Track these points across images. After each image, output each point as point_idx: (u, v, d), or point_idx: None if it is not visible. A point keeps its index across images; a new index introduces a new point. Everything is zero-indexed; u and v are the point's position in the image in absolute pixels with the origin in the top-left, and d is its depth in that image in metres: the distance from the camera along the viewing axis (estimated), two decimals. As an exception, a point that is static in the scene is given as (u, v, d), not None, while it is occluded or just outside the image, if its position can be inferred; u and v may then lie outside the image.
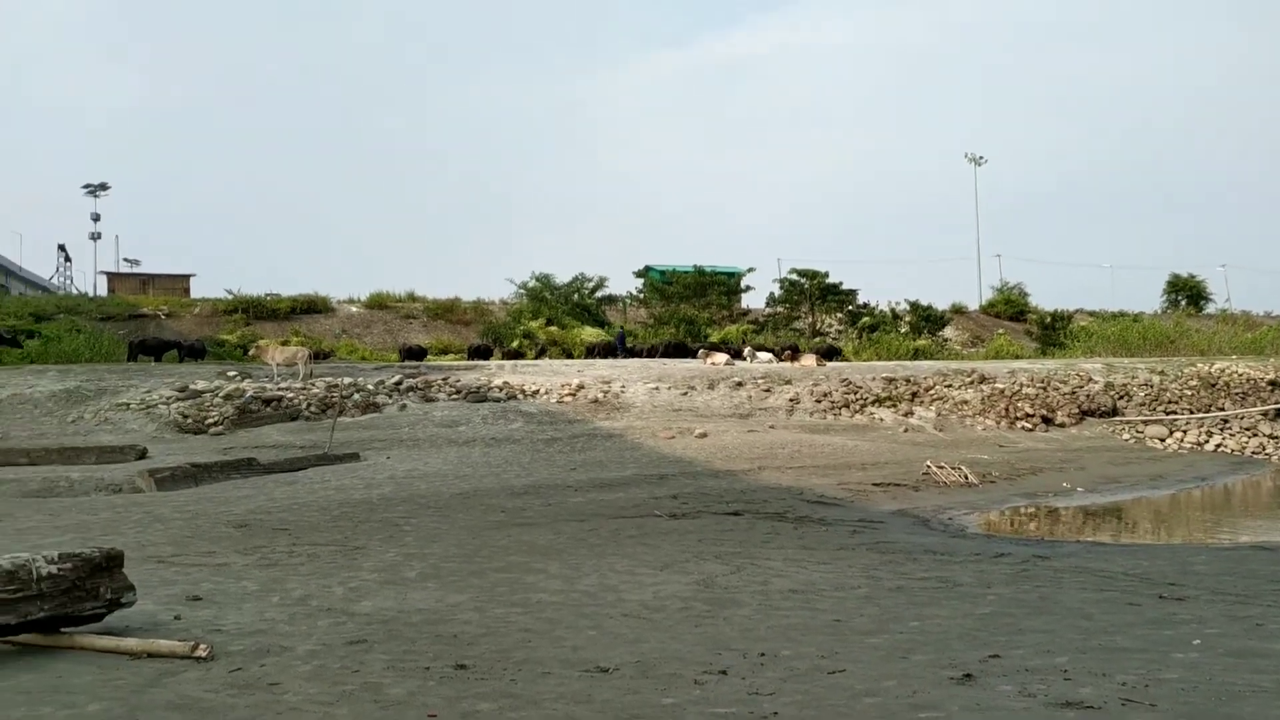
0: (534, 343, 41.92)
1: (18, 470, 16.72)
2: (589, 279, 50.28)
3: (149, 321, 42.21)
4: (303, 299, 46.71)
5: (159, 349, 33.72)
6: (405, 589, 8.01)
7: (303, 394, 24.78)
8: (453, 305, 48.99)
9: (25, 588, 5.84)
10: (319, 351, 33.69)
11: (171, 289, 54.45)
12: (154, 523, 11.69)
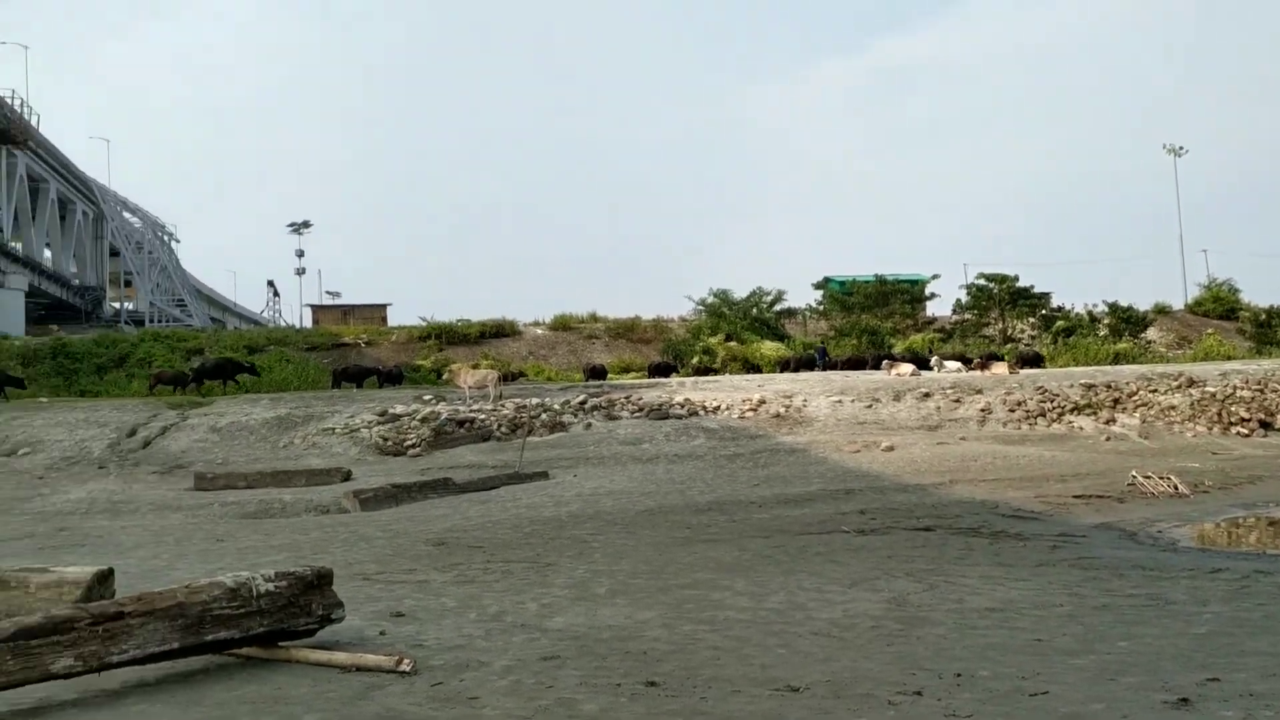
0: (713, 358, 42.02)
1: (238, 493, 17.92)
2: (767, 293, 50.08)
3: (350, 350, 44.50)
4: (491, 323, 48.32)
5: (360, 376, 35.49)
6: (595, 605, 8.14)
7: (493, 415, 25.61)
8: (633, 324, 49.66)
9: (246, 604, 6.25)
10: (508, 373, 34.75)
11: (370, 318, 57.30)
12: (359, 541, 12.29)
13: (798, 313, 52.31)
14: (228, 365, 34.79)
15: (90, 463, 22.22)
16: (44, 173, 70.38)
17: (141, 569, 10.42)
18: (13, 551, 12.45)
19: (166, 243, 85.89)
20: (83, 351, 42.16)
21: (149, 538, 13.43)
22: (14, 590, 7.72)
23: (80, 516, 16.31)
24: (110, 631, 5.68)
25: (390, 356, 42.79)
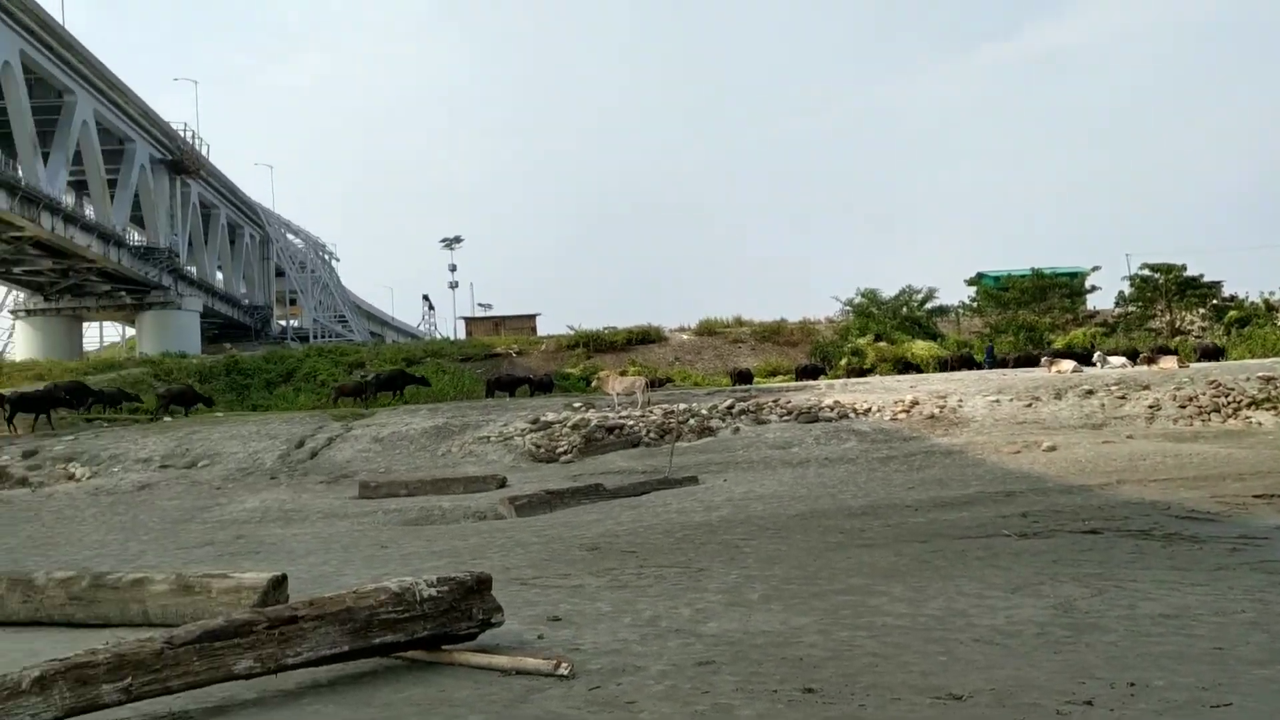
0: (863, 359, 41.33)
1: (399, 500, 18.55)
2: (917, 291, 49.05)
3: (502, 360, 45.59)
4: (637, 330, 48.75)
5: (512, 385, 36.33)
6: (749, 611, 8.10)
7: (642, 421, 25.80)
8: (779, 327, 49.34)
9: (411, 609, 6.46)
10: (655, 379, 34.99)
11: (520, 328, 58.59)
12: (515, 547, 12.56)
13: (950, 310, 51.08)
14: (400, 377, 36.45)
15: (263, 473, 23.36)
16: (215, 200, 74.50)
17: (312, 574, 10.90)
18: (195, 558, 13.20)
19: (327, 262, 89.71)
20: (253, 368, 44.46)
21: (318, 544, 14.03)
22: (198, 595, 8.19)
23: (255, 524, 17.17)
24: (285, 635, 5.96)
25: (540, 365, 43.63)
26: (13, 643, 8.23)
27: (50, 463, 25.24)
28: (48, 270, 58.60)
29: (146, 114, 61.89)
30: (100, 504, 20.55)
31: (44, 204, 49.25)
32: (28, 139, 49.35)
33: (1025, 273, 50.52)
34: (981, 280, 53.18)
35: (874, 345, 42.64)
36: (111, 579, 8.75)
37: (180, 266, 65.09)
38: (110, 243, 56.65)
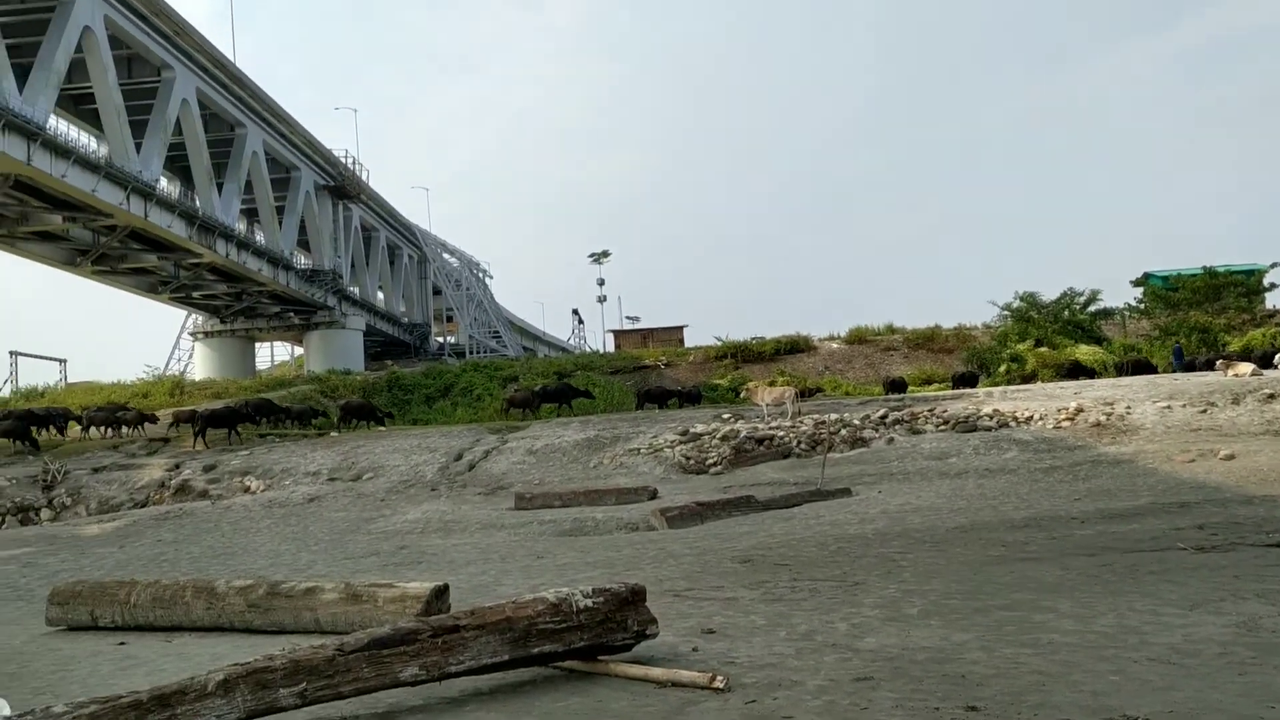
0: (1022, 365, 39.96)
1: (553, 512, 18.88)
2: (1079, 293, 47.10)
3: (650, 371, 45.92)
4: (785, 339, 48.38)
5: (662, 397, 36.55)
6: (907, 626, 7.92)
7: (792, 432, 25.57)
8: (932, 334, 48.19)
9: (567, 619, 6.56)
10: (804, 389, 34.64)
11: (667, 340, 58.93)
12: (668, 558, 12.61)
13: (1114, 313, 48.86)
14: (567, 390, 37.28)
15: (424, 485, 24.12)
16: (375, 222, 77.49)
17: (471, 584, 11.19)
18: (362, 567, 13.73)
19: (481, 279, 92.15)
20: (413, 383, 46.04)
21: (477, 554, 14.40)
22: (365, 603, 8.51)
23: (417, 535, 17.74)
24: (448, 643, 6.13)
25: (688, 376, 43.75)
26: (198, 646, 8.73)
27: (228, 476, 26.68)
28: (223, 294, 62.05)
29: (311, 143, 64.92)
30: (274, 515, 21.58)
31: (219, 231, 52.21)
32: (204, 171, 52.44)
33: (1196, 271, 48.00)
34: (1149, 280, 50.80)
35: (1034, 351, 41.14)
36: (285, 587, 9.17)
37: (344, 287, 67.91)
38: (279, 266, 59.60)
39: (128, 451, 31.19)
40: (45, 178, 39.74)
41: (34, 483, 27.31)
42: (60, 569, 15.60)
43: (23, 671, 8.22)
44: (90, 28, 42.26)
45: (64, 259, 51.44)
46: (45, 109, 39.92)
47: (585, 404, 36.96)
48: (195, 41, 50.19)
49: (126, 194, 44.29)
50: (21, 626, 10.64)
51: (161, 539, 19.16)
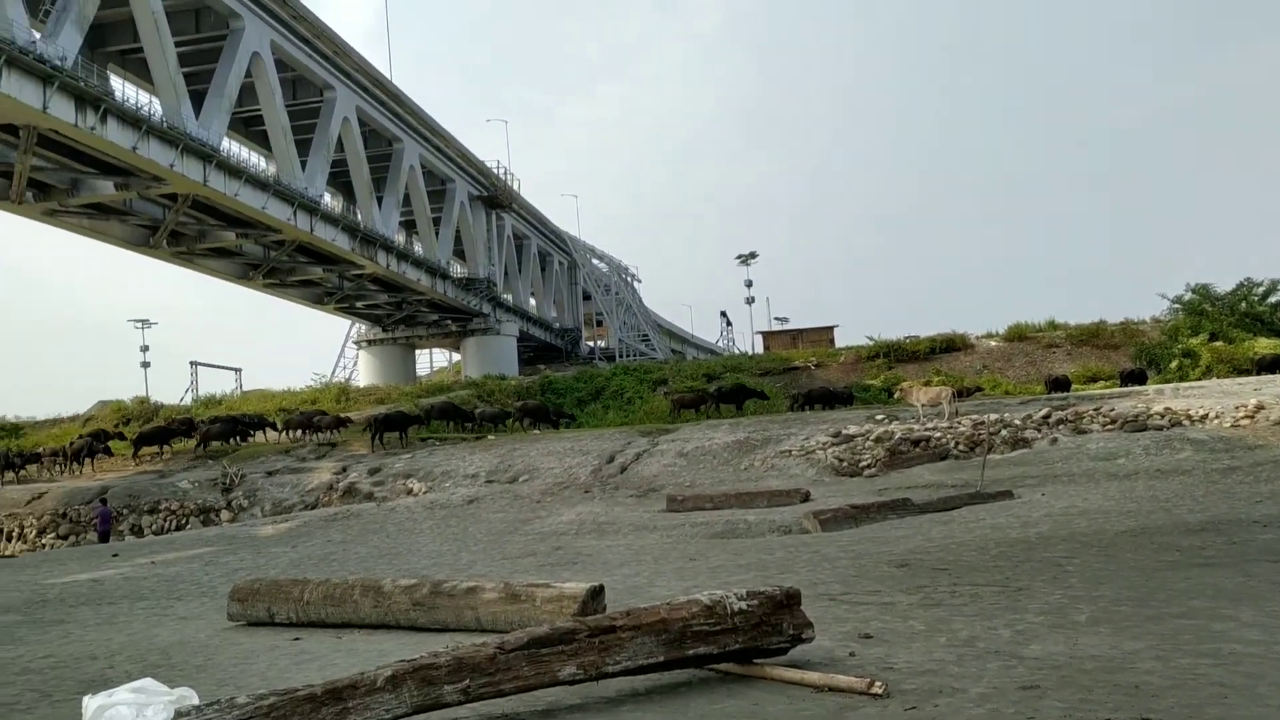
0: (1195, 361, 37.93)
1: (705, 514, 18.90)
2: (1257, 284, 44.39)
3: (800, 373, 45.45)
4: (940, 338, 47.19)
5: (813, 399, 36.14)
6: (1075, 633, 7.62)
7: (949, 433, 24.93)
8: (1097, 330, 46.20)
9: (722, 621, 6.56)
10: (961, 389, 33.71)
11: (817, 341, 58.25)
12: (822, 562, 12.46)
13: (1297, 304, 45.83)
14: (741, 390, 37.30)
15: (577, 487, 24.50)
16: (526, 231, 79.20)
17: (626, 585, 11.30)
18: (519, 568, 14.03)
19: (630, 284, 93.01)
20: (565, 387, 46.81)
21: (630, 556, 14.53)
22: (524, 603, 8.69)
23: (571, 536, 18.03)
24: (605, 644, 6.21)
25: (839, 377, 43.13)
26: (366, 643, 9.08)
27: (392, 479, 27.69)
28: (384, 303, 64.49)
29: (464, 155, 66.83)
30: (435, 516, 22.28)
31: (380, 243, 54.27)
32: (365, 185, 54.61)
33: (1391, 258, 44.73)
34: (1335, 268, 47.60)
35: (1209, 345, 38.99)
36: (447, 587, 9.45)
37: (498, 294, 69.65)
38: (436, 275, 61.55)
39: (298, 455, 32.71)
40: (220, 197, 42.08)
41: (214, 486, 28.95)
42: (239, 567, 16.47)
43: (208, 664, 8.71)
44: (259, 53, 44.60)
45: (238, 274, 54.38)
46: (219, 132, 42.27)
47: (732, 409, 36.88)
48: (354, 61, 52.34)
49: (294, 210, 46.50)
50: (206, 621, 11.28)
51: (331, 539, 20.01)
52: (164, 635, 10.50)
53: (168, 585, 14.94)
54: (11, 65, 31.07)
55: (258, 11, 44.25)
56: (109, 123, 35.40)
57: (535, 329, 78.34)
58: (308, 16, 47.95)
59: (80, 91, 34.03)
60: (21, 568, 19.26)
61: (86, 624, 11.70)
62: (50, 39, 33.28)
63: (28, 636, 11.04)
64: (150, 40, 38.89)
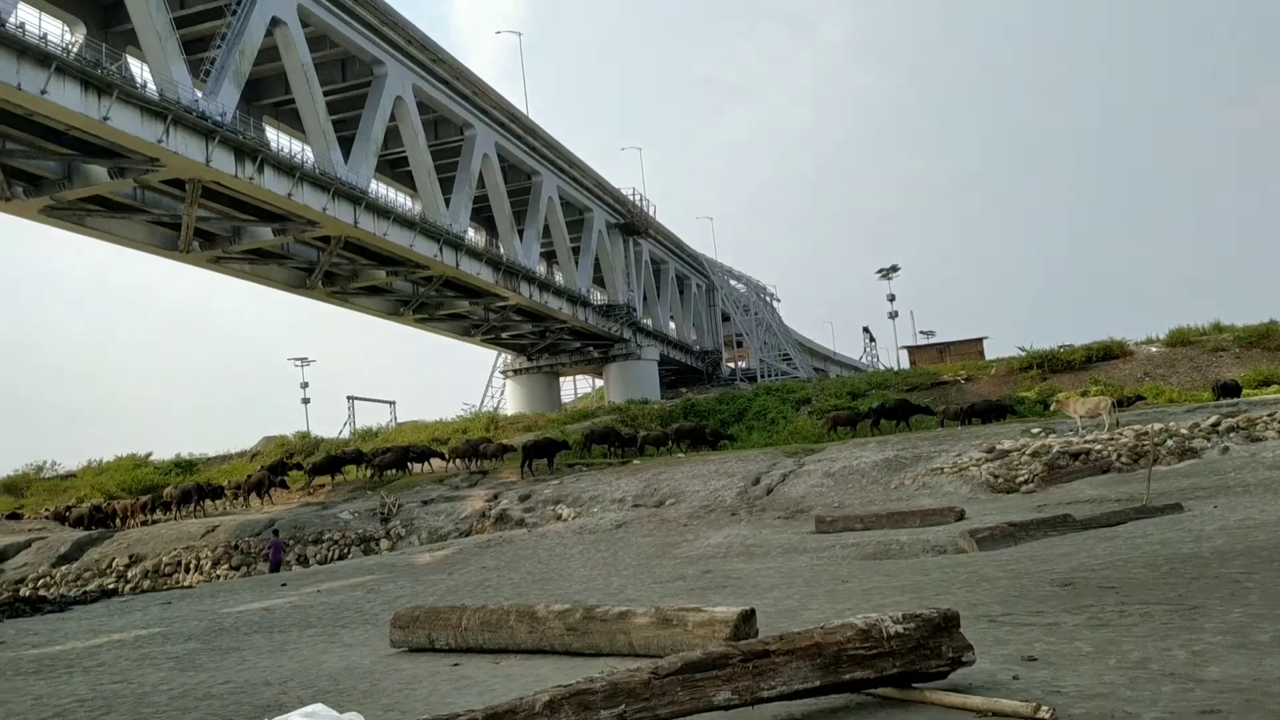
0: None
1: (856, 535, 18.58)
2: None
3: (949, 387, 44.36)
4: (1097, 346, 45.43)
5: (978, 412, 35.16)
6: (1258, 654, 7.18)
7: (1110, 445, 23.92)
8: (1268, 330, 43.69)
9: (878, 645, 6.43)
10: (1121, 398, 32.33)
11: (965, 354, 56.80)
12: (980, 582, 12.09)
13: None
14: (905, 406, 36.80)
15: (723, 510, 24.43)
16: (663, 255, 79.78)
17: (777, 608, 11.19)
18: (669, 592, 14.06)
19: (769, 303, 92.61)
20: (708, 409, 46.84)
21: (780, 579, 14.40)
22: (675, 627, 8.71)
23: (720, 559, 17.97)
24: (759, 668, 6.16)
25: (990, 390, 41.91)
26: (522, 668, 9.24)
27: (541, 505, 28.16)
28: (528, 333, 65.85)
29: (600, 184, 67.84)
30: (584, 541, 22.55)
31: (522, 274, 55.49)
32: (506, 219, 55.99)
33: None
34: None
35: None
36: (600, 612, 9.55)
37: (638, 320, 70.28)
38: (577, 304, 62.54)
39: (451, 484, 33.61)
40: (370, 237, 43.79)
41: (373, 516, 29.98)
42: (399, 595, 17.00)
43: (373, 689, 9.00)
44: (401, 97, 46.34)
45: (389, 310, 56.41)
46: (367, 175, 44.03)
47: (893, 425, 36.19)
48: (492, 99, 53.85)
49: (439, 246, 48.00)
50: (370, 648, 11.67)
51: (485, 566, 20.47)
52: (331, 661, 10.90)
53: (333, 613, 15.53)
54: (177, 124, 33.11)
55: (399, 57, 46.02)
56: (266, 172, 37.30)
57: (676, 352, 78.68)
58: (447, 59, 49.59)
59: (239, 144, 35.99)
60: (200, 598, 20.30)
61: (260, 651, 12.25)
62: (211, 96, 35.29)
63: (207, 663, 11.62)
64: (301, 92, 40.87)
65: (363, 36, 43.79)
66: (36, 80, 28.80)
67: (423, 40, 47.40)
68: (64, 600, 23.58)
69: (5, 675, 12.08)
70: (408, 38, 46.25)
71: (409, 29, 46.18)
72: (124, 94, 31.49)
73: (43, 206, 36.29)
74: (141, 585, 27.86)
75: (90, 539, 31.89)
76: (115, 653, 13.16)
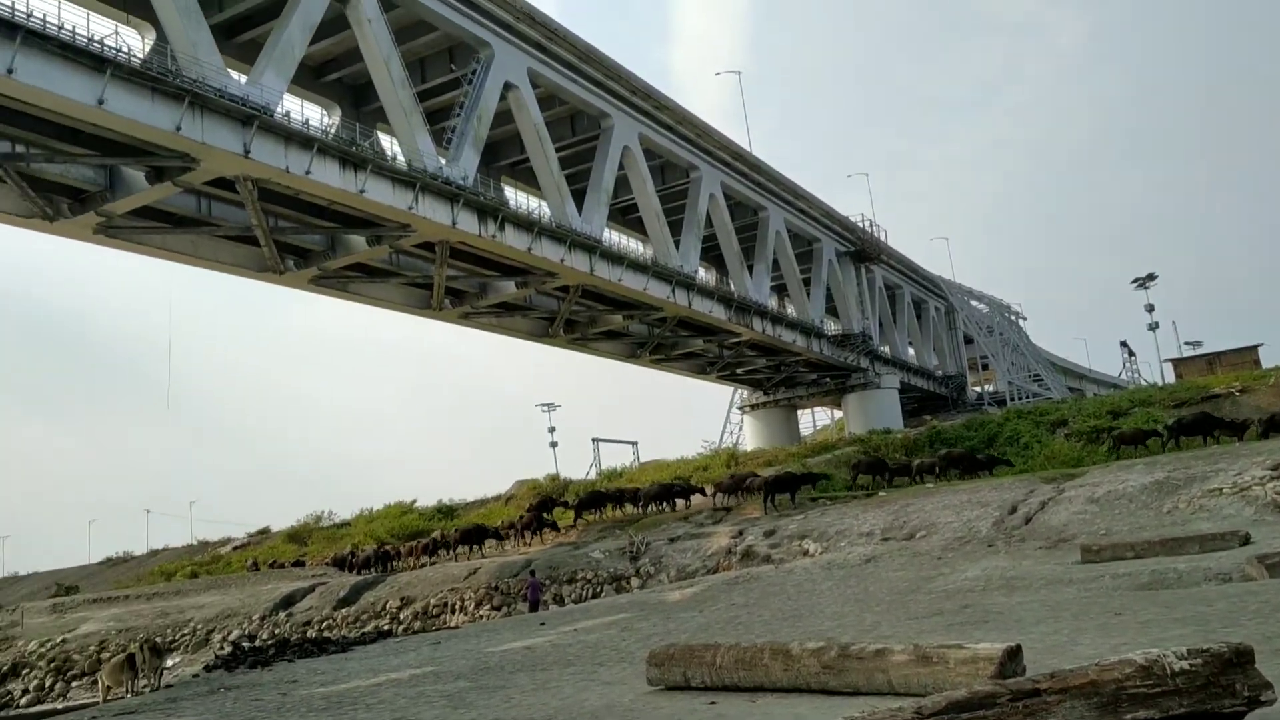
0: None
1: (1126, 564, 17.40)
2: None
3: (1222, 400, 41.01)
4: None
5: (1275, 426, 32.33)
6: None
7: None
8: None
9: (1161, 683, 5.99)
10: None
11: (1238, 364, 52.60)
12: (1274, 613, 11.05)
13: None
14: (1206, 420, 34.49)
15: (979, 541, 23.46)
16: (897, 280, 78.14)
17: (1044, 644, 10.61)
18: (925, 628, 13.60)
19: (1014, 322, 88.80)
20: (954, 436, 45.24)
21: (1045, 612, 13.65)
22: (936, 665, 8.41)
23: (978, 593, 17.23)
24: (1029, 708, 5.86)
25: (1270, 402, 38.44)
26: (779, 706, 9.16)
27: (787, 540, 27.95)
28: (763, 367, 65.88)
29: (828, 214, 67.31)
30: (833, 577, 22.17)
31: (754, 310, 55.67)
32: (735, 256, 56.43)
33: None
34: None
35: None
36: (855, 649, 9.35)
37: (874, 348, 68.96)
38: (811, 335, 62.08)
39: (696, 521, 33.90)
40: (605, 283, 45.16)
41: (623, 555, 30.62)
42: (652, 632, 17.24)
43: (634, 727, 9.16)
44: (629, 146, 47.74)
45: (626, 353, 57.87)
46: (600, 224, 45.50)
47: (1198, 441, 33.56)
48: (716, 140, 54.60)
49: (672, 287, 48.91)
50: (628, 686, 11.88)
51: (734, 602, 20.47)
52: (592, 699, 11.17)
53: (590, 651, 15.92)
54: (425, 190, 35.38)
55: (624, 108, 47.45)
56: (506, 229, 39.22)
57: (916, 379, 76.60)
58: (670, 105, 50.72)
59: (481, 205, 38.04)
60: (466, 637, 21.29)
61: (524, 689, 12.71)
62: (453, 162, 37.51)
63: (477, 701, 12.16)
64: (535, 149, 42.81)
65: (589, 92, 45.45)
66: (301, 162, 31.51)
67: (646, 89, 48.71)
68: (345, 641, 25.28)
69: (300, 712, 13.07)
70: (632, 88, 47.65)
71: (632, 80, 47.58)
72: (377, 167, 33.97)
73: (311, 277, 39.55)
74: (413, 626, 29.51)
75: (366, 583, 34.13)
76: (393, 690, 13.98)
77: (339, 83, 42.36)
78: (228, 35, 35.65)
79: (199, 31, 29.58)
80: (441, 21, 38.40)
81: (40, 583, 67.54)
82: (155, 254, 36.54)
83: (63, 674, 32.40)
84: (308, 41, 33.25)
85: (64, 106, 26.37)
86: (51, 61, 25.23)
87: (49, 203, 31.51)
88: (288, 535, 57.64)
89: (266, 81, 31.03)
